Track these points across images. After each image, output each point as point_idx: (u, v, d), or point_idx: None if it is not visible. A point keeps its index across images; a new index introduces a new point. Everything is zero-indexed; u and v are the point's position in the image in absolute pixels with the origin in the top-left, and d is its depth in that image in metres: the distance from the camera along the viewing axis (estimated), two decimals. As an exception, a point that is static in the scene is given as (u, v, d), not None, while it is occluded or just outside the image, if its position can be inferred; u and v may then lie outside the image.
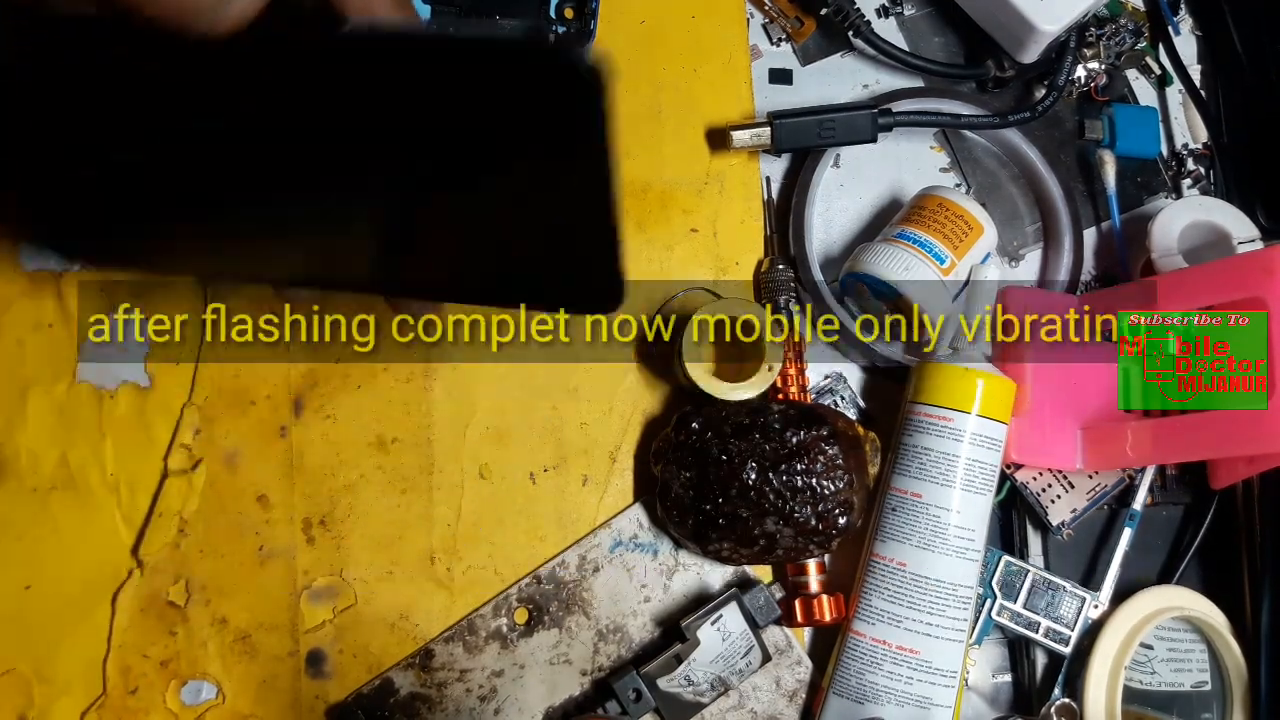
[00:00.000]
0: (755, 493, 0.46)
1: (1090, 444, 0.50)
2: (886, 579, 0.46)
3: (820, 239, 0.54)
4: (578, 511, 0.50)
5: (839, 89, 0.56)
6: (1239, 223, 0.53)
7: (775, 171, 0.54)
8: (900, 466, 0.47)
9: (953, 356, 0.48)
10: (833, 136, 0.51)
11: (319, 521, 0.48)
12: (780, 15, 0.55)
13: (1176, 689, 0.50)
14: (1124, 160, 0.56)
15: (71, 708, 0.45)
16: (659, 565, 0.49)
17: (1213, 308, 0.46)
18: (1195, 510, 0.52)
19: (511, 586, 0.48)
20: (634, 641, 0.49)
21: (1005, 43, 0.54)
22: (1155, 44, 0.59)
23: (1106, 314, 0.50)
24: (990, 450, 0.46)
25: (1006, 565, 0.50)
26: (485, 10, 0.51)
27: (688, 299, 0.52)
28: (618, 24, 0.53)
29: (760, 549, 0.46)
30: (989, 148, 0.57)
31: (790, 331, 0.51)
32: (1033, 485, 0.50)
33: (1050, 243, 0.56)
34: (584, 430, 0.50)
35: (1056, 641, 0.49)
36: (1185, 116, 0.59)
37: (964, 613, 0.46)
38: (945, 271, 0.48)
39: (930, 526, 0.46)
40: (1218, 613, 0.50)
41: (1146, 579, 0.51)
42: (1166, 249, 0.52)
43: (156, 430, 0.47)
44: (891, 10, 0.57)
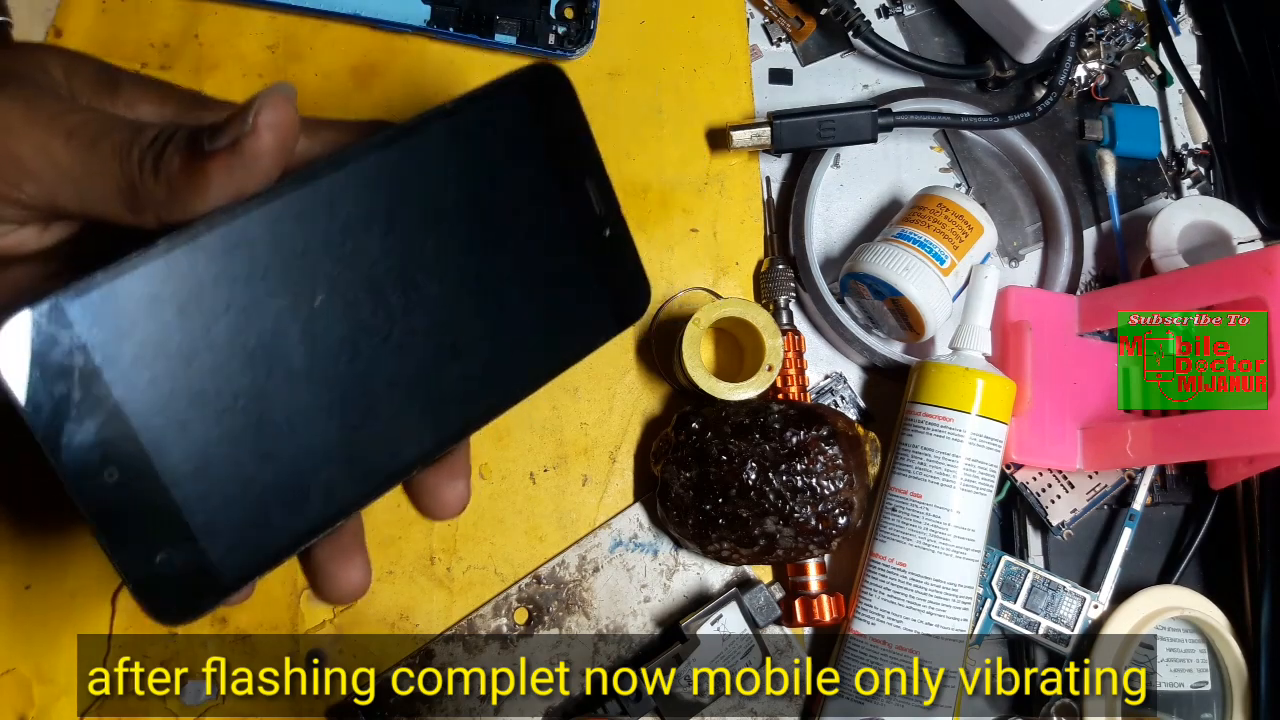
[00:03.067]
0: (755, 493, 0.46)
1: (1090, 444, 0.50)
2: (886, 579, 0.46)
3: (820, 239, 0.54)
4: (578, 511, 0.50)
5: (839, 89, 0.56)
6: (1239, 223, 0.53)
7: (775, 171, 0.54)
8: (900, 466, 0.47)
9: (953, 356, 0.48)
10: (833, 136, 0.51)
11: (319, 521, 0.48)
12: (780, 15, 0.55)
13: (1176, 689, 0.50)
14: (1124, 160, 0.56)
15: (71, 708, 0.45)
16: (659, 565, 0.49)
17: (1213, 308, 0.46)
18: (1195, 510, 0.52)
19: (511, 586, 0.48)
20: (634, 641, 0.49)
21: (1005, 43, 0.54)
22: (1155, 44, 0.59)
23: (1106, 314, 0.51)
24: (990, 450, 0.46)
25: (1006, 565, 0.50)
26: (485, 10, 0.51)
27: (688, 299, 0.52)
28: (618, 24, 0.53)
29: (760, 549, 0.46)
30: (989, 148, 0.57)
31: (790, 331, 0.51)
32: (1033, 485, 0.50)
33: (1050, 243, 0.56)
34: (584, 430, 0.50)
35: (1056, 641, 0.49)
36: (1185, 116, 0.59)
37: (964, 613, 0.46)
38: (945, 271, 0.48)
39: (930, 526, 0.46)
40: (1218, 613, 0.50)
41: (1146, 579, 0.51)
42: (1166, 249, 0.52)
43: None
44: (891, 10, 0.57)
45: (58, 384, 0.26)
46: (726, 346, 0.52)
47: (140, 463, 0.27)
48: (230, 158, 0.28)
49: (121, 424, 0.27)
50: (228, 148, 0.28)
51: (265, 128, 0.28)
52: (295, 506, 0.30)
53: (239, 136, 0.28)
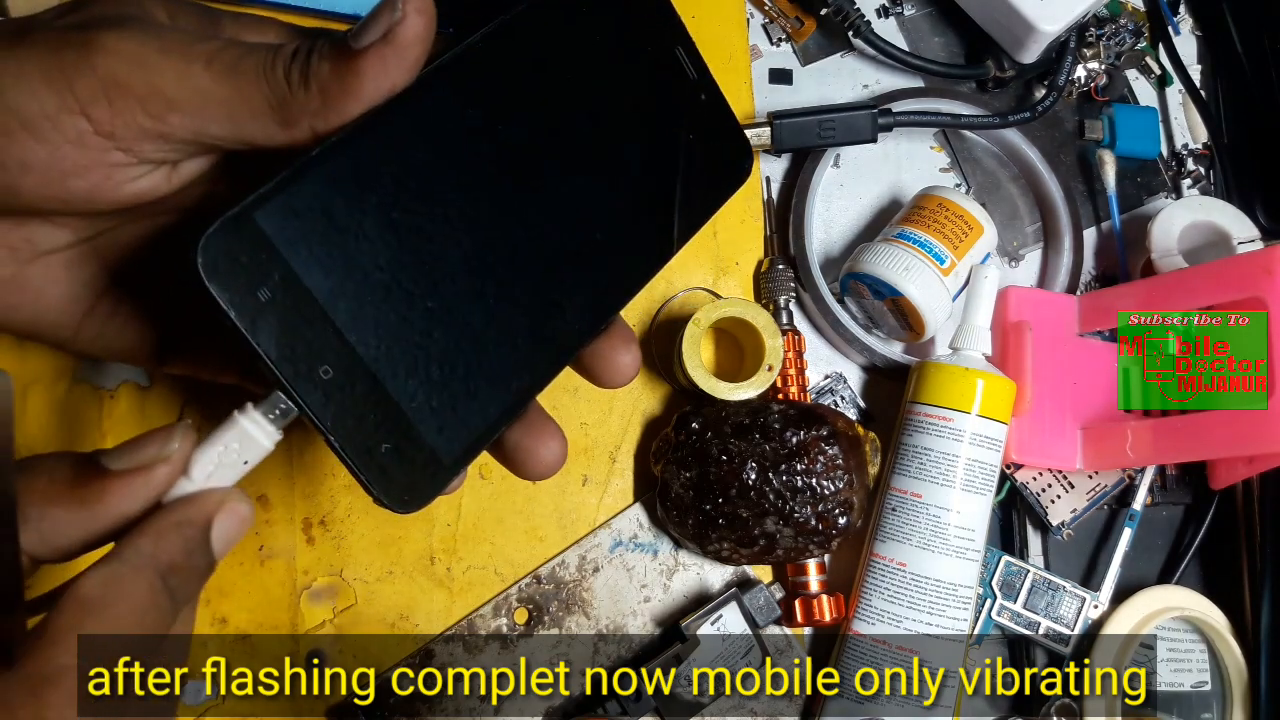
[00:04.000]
0: (755, 493, 0.46)
1: (1090, 444, 0.50)
2: (886, 579, 0.46)
3: (820, 239, 0.54)
4: (578, 511, 0.50)
5: (839, 89, 0.56)
6: (1239, 223, 0.53)
7: (775, 171, 0.54)
8: (900, 466, 0.47)
9: (953, 356, 0.48)
10: (833, 136, 0.51)
11: (319, 521, 0.48)
12: (780, 15, 0.55)
13: (1176, 689, 0.50)
14: (1124, 160, 0.56)
15: (71, 708, 0.45)
16: (659, 565, 0.49)
17: (1213, 308, 0.46)
18: (1195, 510, 0.52)
19: (511, 586, 0.48)
20: (634, 641, 0.49)
21: (1005, 43, 0.54)
22: (1155, 44, 0.59)
23: (1106, 314, 0.51)
24: (990, 450, 0.46)
25: (1006, 565, 0.50)
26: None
27: (688, 299, 0.52)
28: (618, 24, 0.53)
29: (760, 549, 0.46)
30: (989, 148, 0.57)
31: (790, 331, 0.51)
32: (1033, 485, 0.50)
33: (1050, 243, 0.56)
34: (584, 430, 0.50)
35: (1056, 641, 0.49)
36: (1185, 116, 0.59)
37: (964, 613, 0.46)
38: (945, 271, 0.48)
39: (930, 526, 0.46)
40: (1218, 613, 0.50)
41: (1146, 579, 0.51)
42: (1166, 249, 0.52)
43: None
44: (891, 10, 0.57)
45: (260, 289, 0.27)
46: (726, 346, 0.52)
47: (349, 358, 0.29)
48: (383, 49, 0.28)
49: (324, 322, 0.28)
50: (380, 40, 0.28)
51: (414, 11, 0.28)
52: (495, 385, 0.31)
53: (391, 25, 0.28)
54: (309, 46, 0.29)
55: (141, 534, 0.27)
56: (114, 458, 0.27)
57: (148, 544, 0.27)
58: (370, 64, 0.28)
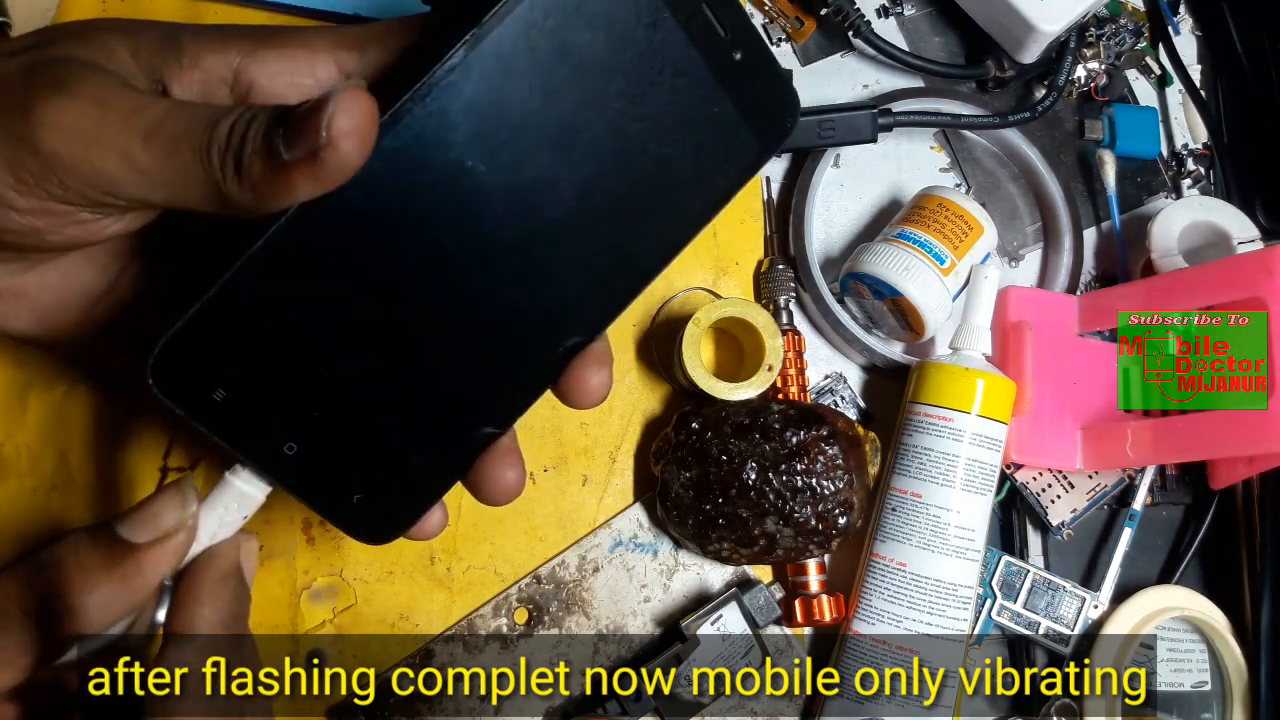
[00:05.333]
0: (755, 493, 0.46)
1: (1090, 444, 0.50)
2: (886, 579, 0.46)
3: (820, 239, 0.54)
4: (578, 511, 0.50)
5: (839, 89, 0.56)
6: (1239, 223, 0.53)
7: (775, 171, 0.54)
8: (900, 466, 0.47)
9: (953, 356, 0.48)
10: (833, 136, 0.51)
11: (319, 521, 0.48)
12: (780, 15, 0.55)
13: (1176, 689, 0.50)
14: (1124, 160, 0.56)
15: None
16: (659, 565, 0.49)
17: (1213, 308, 0.46)
18: (1195, 510, 0.52)
19: (511, 586, 0.48)
20: (634, 641, 0.49)
21: (1005, 43, 0.54)
22: (1155, 44, 0.59)
23: (1106, 314, 0.51)
24: (990, 450, 0.46)
25: (1006, 565, 0.50)
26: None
27: (688, 299, 0.52)
28: (618, 24, 0.53)
29: (760, 549, 0.46)
30: (989, 148, 0.57)
31: (790, 331, 0.51)
32: (1033, 485, 0.50)
33: (1050, 243, 0.56)
34: (584, 430, 0.50)
35: (1056, 641, 0.49)
36: (1185, 116, 0.59)
37: (964, 613, 0.46)
38: (945, 271, 0.48)
39: (930, 527, 0.46)
40: (1218, 613, 0.50)
41: (1146, 579, 0.51)
42: (1166, 249, 0.52)
43: (156, 430, 0.47)
44: (891, 10, 0.57)
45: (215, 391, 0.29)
46: (726, 346, 0.52)
47: (309, 432, 0.30)
48: (311, 166, 0.27)
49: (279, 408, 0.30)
50: (306, 159, 0.26)
51: (341, 137, 0.26)
52: (457, 433, 0.33)
53: (315, 149, 0.26)
54: (244, 129, 0.27)
55: (197, 603, 0.30)
56: (135, 529, 0.29)
57: (208, 611, 0.30)
58: (299, 175, 0.27)
